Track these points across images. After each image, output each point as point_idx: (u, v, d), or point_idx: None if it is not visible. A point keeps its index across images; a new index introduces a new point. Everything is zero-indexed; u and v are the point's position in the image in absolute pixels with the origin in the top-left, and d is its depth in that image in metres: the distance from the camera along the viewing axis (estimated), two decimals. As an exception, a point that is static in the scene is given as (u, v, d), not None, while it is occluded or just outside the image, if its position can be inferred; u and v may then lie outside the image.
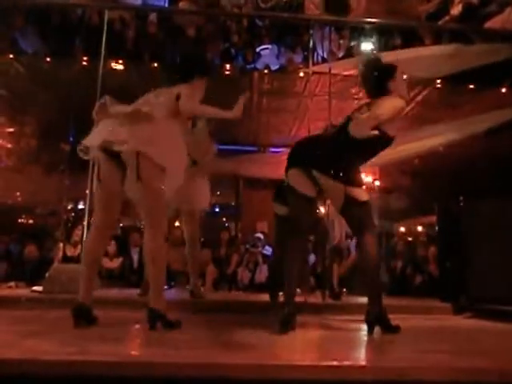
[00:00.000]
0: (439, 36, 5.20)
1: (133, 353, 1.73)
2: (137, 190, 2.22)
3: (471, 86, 4.91)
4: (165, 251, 2.26)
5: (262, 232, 6.21)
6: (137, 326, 2.46)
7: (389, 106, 2.32)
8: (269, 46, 5.44)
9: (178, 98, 2.33)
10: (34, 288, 3.94)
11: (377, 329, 2.29)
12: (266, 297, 3.87)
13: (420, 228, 7.69)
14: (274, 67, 5.26)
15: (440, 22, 5.30)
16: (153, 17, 5.22)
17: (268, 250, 5.79)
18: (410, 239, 6.71)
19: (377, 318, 2.30)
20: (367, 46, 5.47)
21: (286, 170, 2.47)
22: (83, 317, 2.22)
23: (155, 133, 2.25)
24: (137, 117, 2.23)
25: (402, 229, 7.78)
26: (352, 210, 2.39)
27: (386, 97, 2.38)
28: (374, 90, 2.45)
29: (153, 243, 2.22)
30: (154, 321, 2.18)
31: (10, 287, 4.71)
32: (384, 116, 2.28)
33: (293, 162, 2.45)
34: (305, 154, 2.45)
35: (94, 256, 2.37)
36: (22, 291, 4.05)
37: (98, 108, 2.35)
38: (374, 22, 4.81)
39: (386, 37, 5.32)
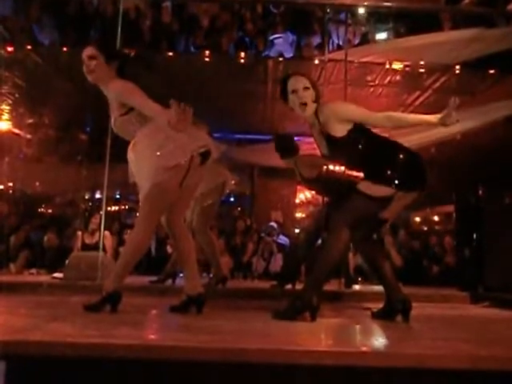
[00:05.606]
0: (460, 20, 5.05)
1: (153, 336, 1.76)
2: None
3: (492, 72, 4.77)
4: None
5: (277, 221, 6.21)
6: (154, 312, 2.51)
7: None
8: (282, 35, 5.37)
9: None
10: (55, 275, 4.06)
11: (398, 317, 2.29)
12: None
13: (436, 218, 7.60)
14: (287, 55, 5.20)
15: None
16: (167, 4, 5.20)
17: (282, 239, 5.80)
18: (426, 229, 6.63)
19: (403, 304, 2.28)
20: (383, 32, 5.36)
21: None
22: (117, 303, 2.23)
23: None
24: None
25: (418, 218, 7.69)
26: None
27: None
28: None
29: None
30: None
31: (32, 274, 4.86)
32: None
33: None
34: None
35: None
36: (44, 278, 4.17)
37: None
38: (391, 7, 4.70)
39: (403, 22, 5.19)
